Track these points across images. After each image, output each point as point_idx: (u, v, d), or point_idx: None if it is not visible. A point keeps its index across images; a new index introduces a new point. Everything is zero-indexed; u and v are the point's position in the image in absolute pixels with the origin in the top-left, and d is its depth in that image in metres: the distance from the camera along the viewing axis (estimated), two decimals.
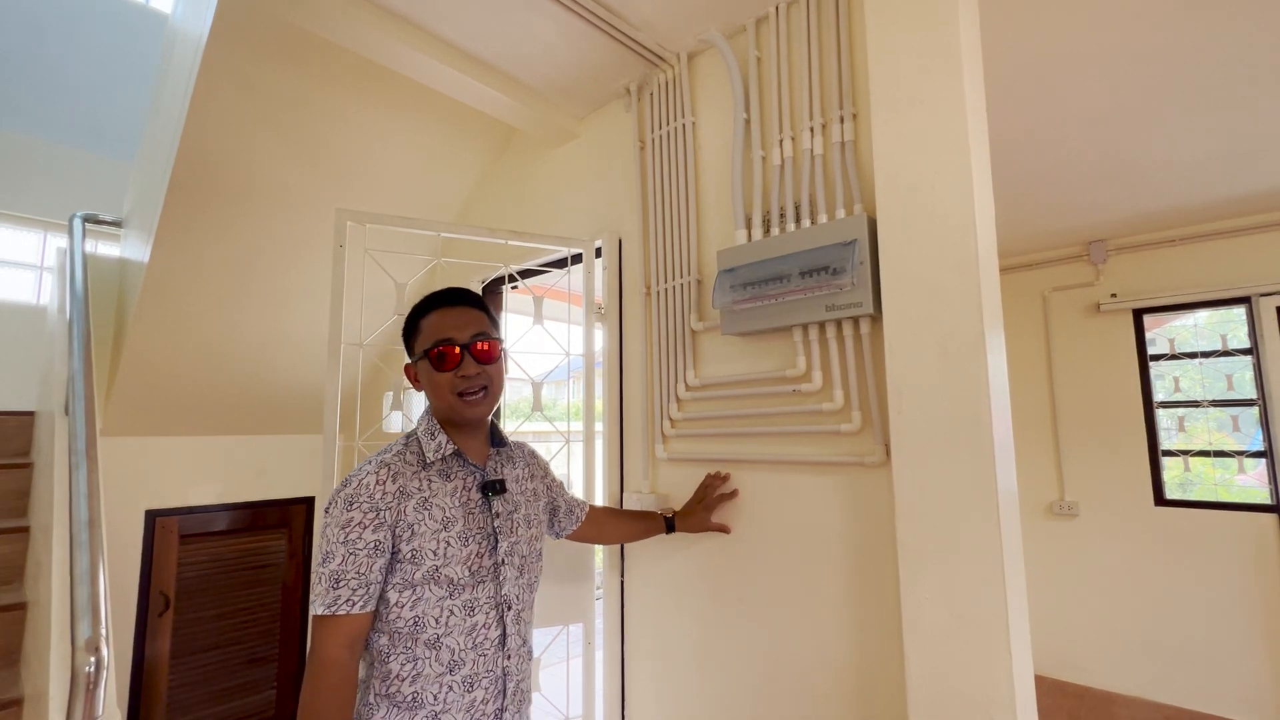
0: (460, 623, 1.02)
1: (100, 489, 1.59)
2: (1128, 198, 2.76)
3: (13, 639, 1.80)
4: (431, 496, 1.04)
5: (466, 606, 1.02)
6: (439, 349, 1.06)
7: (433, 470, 1.07)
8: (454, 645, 1.01)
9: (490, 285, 2.51)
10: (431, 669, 0.99)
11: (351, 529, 0.96)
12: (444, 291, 1.14)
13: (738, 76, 1.62)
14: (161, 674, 2.64)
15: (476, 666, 1.03)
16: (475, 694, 1.02)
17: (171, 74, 2.25)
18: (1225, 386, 3.08)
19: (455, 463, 1.10)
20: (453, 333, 1.08)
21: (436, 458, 1.06)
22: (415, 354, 1.11)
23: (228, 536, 2.92)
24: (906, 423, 1.17)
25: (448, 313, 1.10)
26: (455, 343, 1.07)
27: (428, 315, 1.10)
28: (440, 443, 1.08)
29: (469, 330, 1.09)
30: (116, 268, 2.79)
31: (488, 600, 1.05)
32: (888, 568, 1.27)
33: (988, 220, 1.16)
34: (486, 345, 1.09)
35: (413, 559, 0.99)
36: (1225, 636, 2.92)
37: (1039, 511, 3.48)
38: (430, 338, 1.08)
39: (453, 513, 1.04)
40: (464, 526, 1.04)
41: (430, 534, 1.01)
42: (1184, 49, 1.72)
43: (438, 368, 1.07)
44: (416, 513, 1.01)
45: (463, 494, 1.07)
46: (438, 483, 1.06)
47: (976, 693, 1.05)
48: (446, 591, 1.01)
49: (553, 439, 2.05)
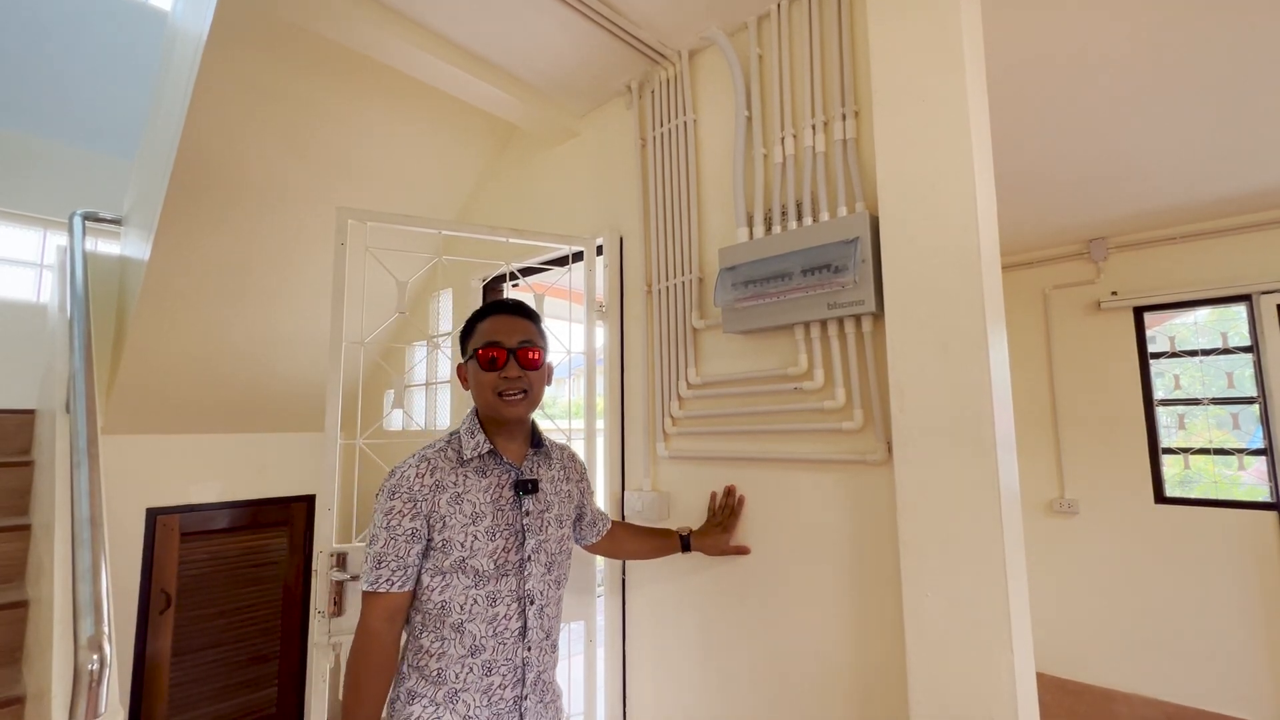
0: (483, 611, 1.08)
1: (102, 487, 1.59)
2: (1128, 195, 2.76)
3: (14, 637, 1.80)
4: (464, 492, 1.11)
5: (489, 597, 1.09)
6: (487, 351, 1.15)
7: (469, 467, 1.14)
8: (476, 632, 1.08)
9: (491, 283, 2.51)
10: (455, 650, 1.07)
11: (393, 516, 1.07)
12: (502, 301, 1.22)
13: (739, 74, 1.62)
14: (163, 672, 2.64)
15: (496, 654, 1.09)
16: (493, 678, 1.09)
17: (172, 72, 2.25)
18: (1225, 384, 3.08)
19: (491, 461, 1.16)
20: (502, 337, 1.16)
21: (473, 455, 1.14)
22: (466, 354, 1.20)
23: (229, 534, 2.92)
24: (908, 420, 1.17)
25: (501, 319, 1.18)
26: (503, 346, 1.15)
27: (484, 320, 1.19)
28: (478, 441, 1.15)
29: (517, 336, 1.16)
30: (117, 266, 2.79)
31: (510, 593, 1.11)
32: (889, 565, 1.28)
33: (990, 218, 1.16)
34: (532, 353, 1.17)
35: (443, 548, 1.08)
36: (1225, 633, 2.93)
37: (1039, 509, 3.48)
38: (480, 339, 1.16)
39: (483, 508, 1.11)
40: (492, 522, 1.11)
41: (459, 526, 1.08)
42: (1185, 46, 1.72)
43: (484, 367, 1.14)
44: (449, 506, 1.09)
45: (495, 491, 1.14)
46: (473, 479, 1.13)
47: (978, 690, 1.05)
48: (472, 581, 1.08)
49: (554, 437, 2.05)
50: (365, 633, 1.06)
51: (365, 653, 1.05)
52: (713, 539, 1.52)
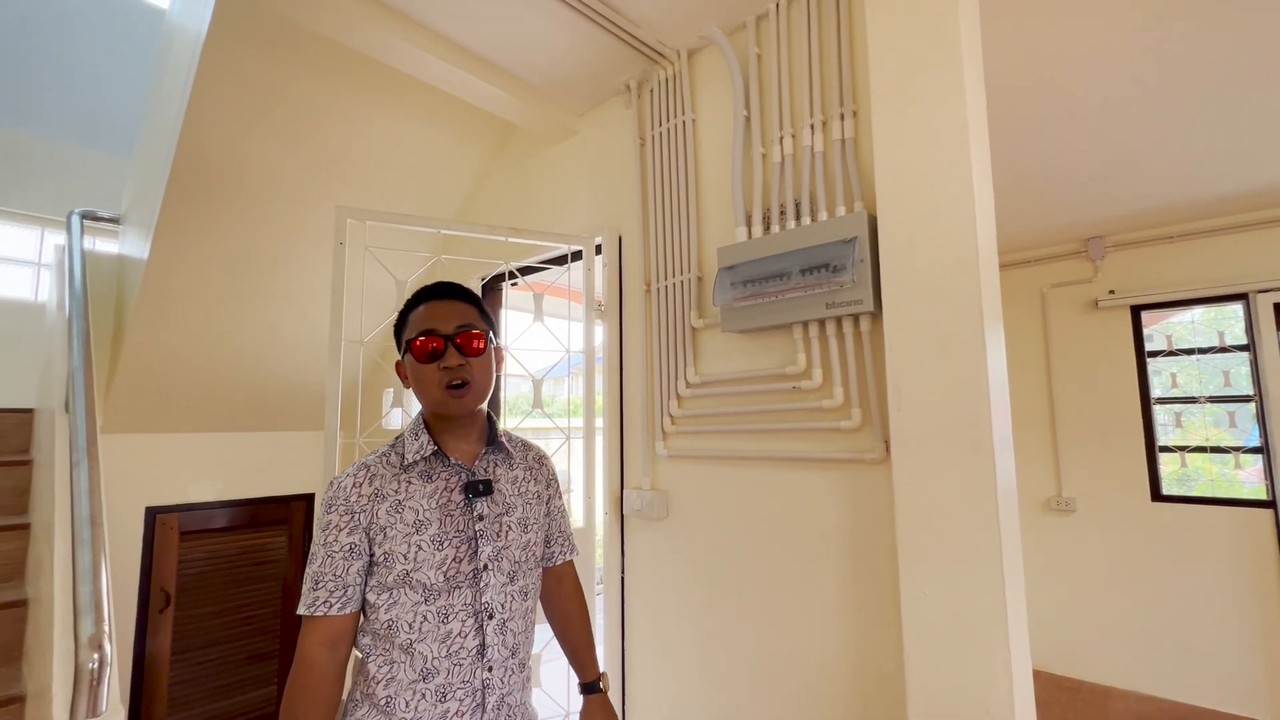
0: (434, 629, 0.97)
1: (101, 486, 1.59)
2: (1126, 194, 2.77)
3: (14, 636, 1.80)
4: (406, 499, 1.00)
5: (440, 613, 0.98)
6: (421, 340, 1.03)
7: (413, 472, 1.03)
8: (427, 653, 0.97)
9: (490, 282, 2.51)
10: (405, 675, 0.97)
11: (329, 531, 0.97)
12: (433, 285, 1.11)
13: (738, 73, 1.62)
14: (162, 670, 2.64)
15: (451, 677, 0.98)
16: (448, 705, 0.97)
17: (170, 70, 2.24)
18: (1222, 382, 3.10)
19: (437, 463, 1.05)
20: (438, 324, 1.04)
21: (417, 458, 1.03)
22: (401, 348, 1.09)
23: (228, 533, 2.92)
24: (906, 419, 1.18)
25: (434, 305, 1.07)
26: (439, 334, 1.04)
27: (417, 308, 1.08)
28: (422, 443, 1.05)
29: (454, 322, 1.05)
30: (115, 264, 2.78)
31: (464, 608, 1.00)
32: (887, 563, 1.28)
33: (988, 217, 1.17)
34: (474, 339, 1.05)
35: (385, 562, 0.97)
36: (1221, 630, 2.94)
37: (1037, 507, 3.49)
38: (414, 329, 1.05)
39: (427, 515, 1.00)
40: (439, 529, 1.00)
41: (401, 537, 0.98)
42: (1183, 45, 1.72)
43: (420, 359, 1.04)
44: (389, 515, 0.98)
45: (442, 495, 1.03)
46: (416, 484, 1.02)
47: (975, 687, 1.05)
48: (420, 596, 0.97)
49: (553, 435, 2.05)
50: (301, 662, 0.94)
51: (301, 684, 0.93)
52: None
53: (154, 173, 2.23)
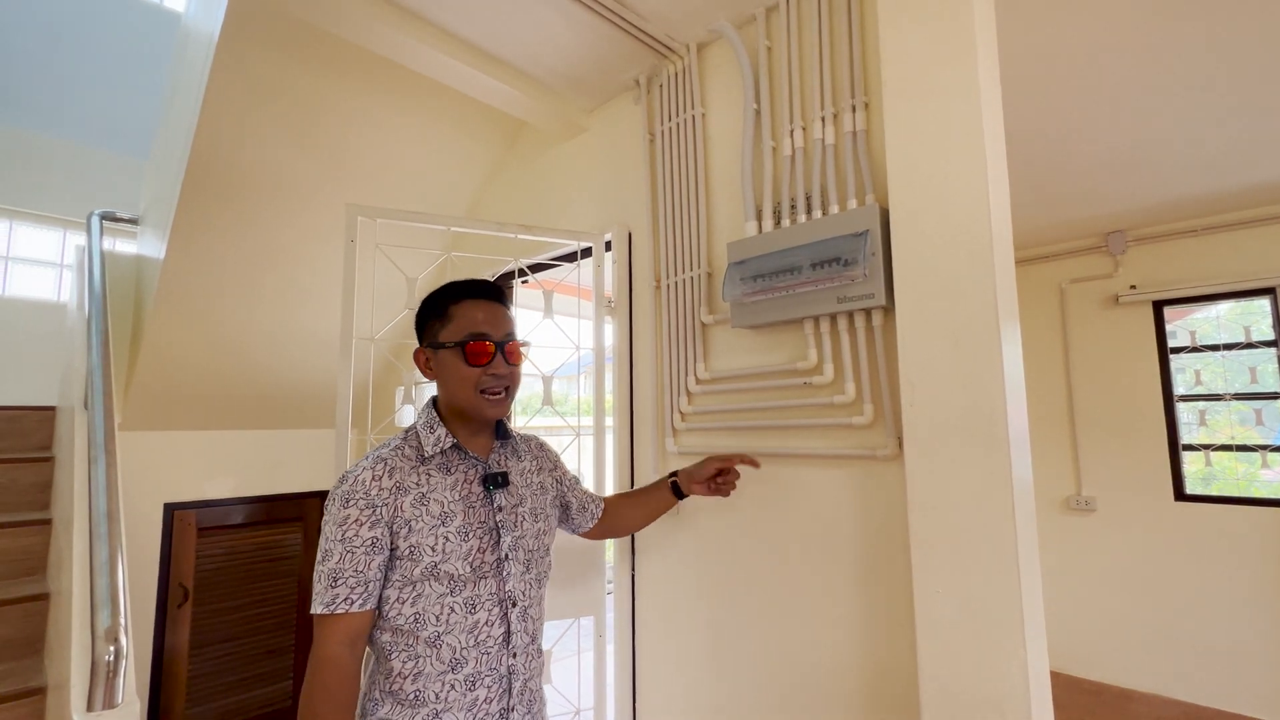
0: (461, 620, 0.99)
1: (119, 482, 1.61)
2: (1147, 187, 2.71)
3: (37, 629, 1.83)
4: (429, 491, 1.01)
5: (468, 603, 1.00)
6: (475, 343, 1.03)
7: (431, 464, 1.04)
8: (454, 643, 0.98)
9: (500, 279, 2.51)
10: (432, 667, 0.97)
11: (348, 526, 0.95)
12: (480, 283, 1.10)
13: (748, 67, 1.60)
14: (181, 664, 2.69)
15: (479, 665, 1.00)
16: (478, 693, 0.99)
17: (184, 72, 2.27)
18: (1249, 379, 3.02)
19: (455, 456, 1.06)
20: (489, 329, 1.05)
21: (435, 451, 1.04)
22: (439, 341, 1.06)
23: (244, 530, 2.96)
24: (919, 416, 1.16)
25: (484, 306, 1.07)
26: (491, 339, 1.04)
27: (461, 303, 1.06)
28: (439, 436, 1.05)
29: (503, 329, 1.07)
30: (134, 264, 2.83)
31: (490, 597, 1.02)
32: (900, 561, 1.26)
33: (1002, 210, 1.14)
34: (517, 347, 1.08)
35: (411, 555, 0.97)
36: (1245, 633, 2.87)
37: (1055, 506, 3.44)
38: (465, 329, 1.04)
39: (452, 507, 1.02)
40: (464, 521, 1.02)
41: (428, 529, 0.98)
42: (1205, 33, 1.68)
43: (470, 361, 1.03)
44: (414, 508, 0.98)
45: (463, 487, 1.05)
46: (436, 477, 1.03)
47: (990, 688, 1.03)
48: (447, 588, 0.98)
49: (564, 433, 2.05)
50: (324, 662, 0.92)
51: (324, 685, 0.91)
52: (699, 467, 1.38)
53: (170, 174, 2.26)
